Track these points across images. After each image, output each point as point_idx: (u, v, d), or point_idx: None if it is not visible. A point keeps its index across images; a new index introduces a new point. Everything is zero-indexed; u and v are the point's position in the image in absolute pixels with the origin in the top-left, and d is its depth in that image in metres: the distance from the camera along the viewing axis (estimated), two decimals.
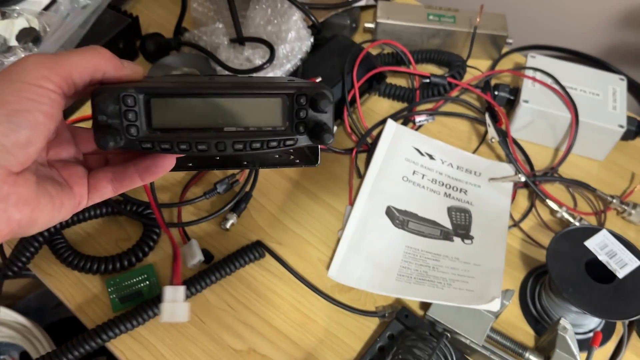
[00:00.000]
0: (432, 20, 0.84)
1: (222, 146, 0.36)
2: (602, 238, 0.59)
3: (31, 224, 0.33)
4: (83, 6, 0.76)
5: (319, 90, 0.36)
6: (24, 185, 0.32)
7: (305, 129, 0.37)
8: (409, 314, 0.58)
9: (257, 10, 0.75)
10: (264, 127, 0.37)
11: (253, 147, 0.36)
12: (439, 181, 0.70)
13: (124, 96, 0.34)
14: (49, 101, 0.32)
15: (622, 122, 0.71)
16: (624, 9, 0.86)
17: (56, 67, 0.32)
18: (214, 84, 0.36)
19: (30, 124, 0.31)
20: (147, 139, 0.35)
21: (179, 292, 0.57)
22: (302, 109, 0.37)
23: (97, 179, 0.38)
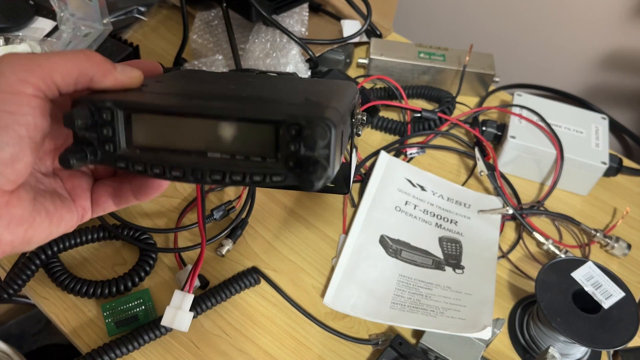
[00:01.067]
0: (423, 58, 0.87)
1: (198, 174, 0.31)
2: (588, 270, 0.62)
3: (26, 243, 0.32)
4: (85, 34, 0.78)
5: (312, 122, 0.29)
6: (17, 204, 0.30)
7: (296, 164, 0.30)
8: (402, 342, 0.59)
9: (257, 44, 0.77)
10: (252, 156, 0.31)
11: (233, 180, 0.31)
12: (431, 212, 0.72)
13: (100, 109, 0.31)
14: (29, 110, 0.29)
15: (604, 159, 0.74)
16: (604, 52, 0.91)
17: (35, 68, 0.29)
18: (202, 102, 0.32)
19: (12, 140, 0.29)
20: (122, 157, 0.32)
21: (186, 299, 0.55)
22: (294, 141, 0.30)
23: (98, 193, 0.37)
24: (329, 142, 0.29)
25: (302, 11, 0.83)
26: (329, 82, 0.42)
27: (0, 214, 0.30)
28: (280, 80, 0.42)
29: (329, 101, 0.33)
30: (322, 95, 0.36)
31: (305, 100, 0.33)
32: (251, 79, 0.42)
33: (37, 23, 0.80)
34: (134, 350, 0.58)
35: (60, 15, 0.78)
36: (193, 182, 0.32)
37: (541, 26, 0.95)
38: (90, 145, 0.32)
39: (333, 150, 0.30)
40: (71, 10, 0.79)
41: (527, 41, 0.98)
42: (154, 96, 0.34)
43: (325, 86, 0.41)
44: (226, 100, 0.33)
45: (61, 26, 0.78)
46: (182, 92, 0.35)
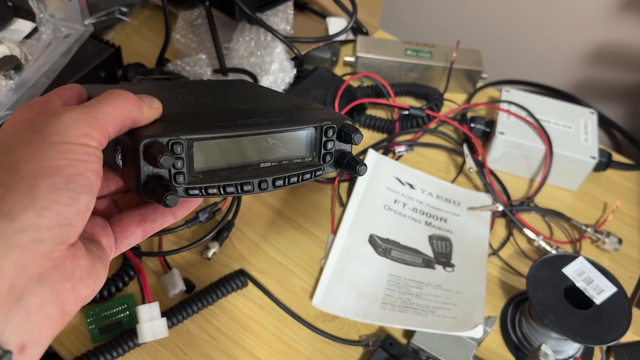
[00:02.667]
0: (410, 55, 0.86)
1: (264, 185, 0.36)
2: (579, 265, 0.61)
3: (92, 295, 0.30)
4: (65, 35, 0.77)
5: (345, 122, 0.38)
6: (81, 255, 0.29)
7: (331, 158, 0.38)
8: (393, 342, 0.58)
9: (241, 42, 0.76)
10: (294, 159, 0.37)
11: (291, 182, 0.37)
12: (420, 210, 0.71)
13: (173, 144, 0.32)
14: (96, 159, 0.29)
15: (594, 153, 0.74)
16: (592, 47, 0.90)
17: (94, 122, 0.29)
18: (251, 122, 0.35)
19: (86, 188, 0.28)
20: (192, 185, 0.33)
21: (153, 309, 0.57)
22: (330, 141, 0.38)
23: (123, 224, 0.35)
24: (360, 136, 0.37)
25: (287, 9, 0.82)
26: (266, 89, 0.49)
27: (73, 267, 0.27)
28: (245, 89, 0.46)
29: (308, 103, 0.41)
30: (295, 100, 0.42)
31: (293, 105, 0.40)
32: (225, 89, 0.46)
33: (16, 25, 0.78)
34: (118, 357, 0.57)
35: (39, 16, 0.76)
36: (259, 192, 0.36)
37: (529, 22, 0.94)
38: (162, 180, 0.32)
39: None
40: (51, 11, 0.77)
41: (514, 37, 0.97)
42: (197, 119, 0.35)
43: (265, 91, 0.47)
44: (257, 116, 0.37)
45: (41, 27, 0.76)
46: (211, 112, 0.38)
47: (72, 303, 0.27)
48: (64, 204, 0.27)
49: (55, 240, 0.26)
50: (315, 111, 0.39)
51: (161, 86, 0.45)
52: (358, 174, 0.37)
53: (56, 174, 0.27)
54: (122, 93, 0.31)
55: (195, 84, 0.49)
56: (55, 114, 0.29)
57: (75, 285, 0.27)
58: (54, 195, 0.26)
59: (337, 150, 0.38)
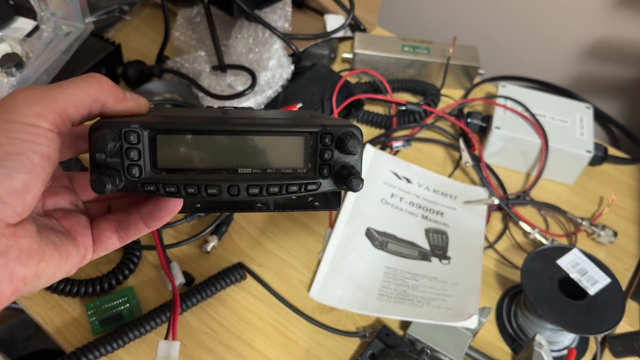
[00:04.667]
0: (407, 52, 0.87)
1: (234, 190, 0.31)
2: (574, 257, 0.62)
3: (37, 278, 0.29)
4: (66, 33, 0.78)
5: (347, 129, 0.32)
6: (24, 235, 0.28)
7: (330, 172, 0.33)
8: (389, 333, 0.59)
9: (239, 39, 0.77)
10: (283, 169, 0.32)
11: (270, 192, 0.32)
12: (417, 204, 0.72)
13: (126, 132, 0.30)
14: (45, 141, 0.28)
15: (589, 147, 0.74)
16: (588, 43, 0.91)
17: (51, 103, 0.28)
18: (228, 120, 0.32)
19: (25, 168, 0.27)
20: (150, 180, 0.31)
21: (173, 348, 0.54)
22: (327, 150, 0.32)
23: (100, 229, 0.34)
24: (361, 147, 0.32)
25: (285, 6, 0.82)
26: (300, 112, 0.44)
27: (9, 245, 0.27)
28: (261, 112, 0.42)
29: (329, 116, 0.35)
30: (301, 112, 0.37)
31: (310, 116, 0.34)
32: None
33: (17, 23, 0.79)
34: (118, 349, 0.57)
35: (40, 14, 0.77)
36: (229, 199, 0.31)
37: (525, 18, 0.95)
38: (114, 170, 0.31)
39: (361, 155, 0.33)
40: (52, 9, 0.78)
41: (511, 33, 0.98)
42: (174, 118, 0.32)
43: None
44: (249, 119, 0.33)
45: (42, 26, 0.77)
46: (197, 115, 0.34)
47: (4, 281, 0.27)
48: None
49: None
50: (318, 118, 0.34)
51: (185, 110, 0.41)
52: (351, 188, 0.32)
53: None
54: (95, 76, 0.31)
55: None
56: (13, 93, 0.29)
57: (8, 262, 0.27)
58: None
59: (339, 162, 0.33)
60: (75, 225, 0.34)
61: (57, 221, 0.33)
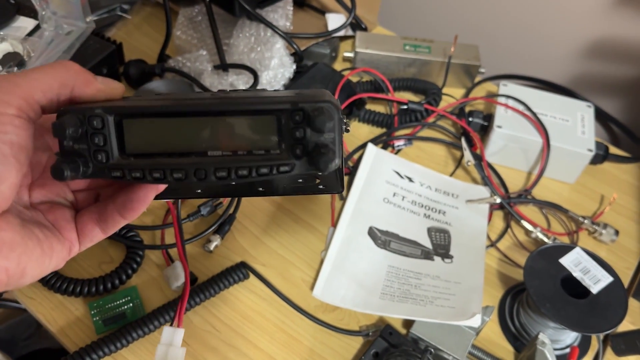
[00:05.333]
0: (408, 50, 0.87)
1: (201, 174, 0.30)
2: (576, 255, 0.62)
3: (21, 273, 0.29)
4: (67, 32, 0.78)
5: (318, 105, 0.29)
6: (6, 228, 0.28)
7: (304, 152, 0.30)
8: (392, 332, 0.59)
9: (241, 38, 0.77)
10: (254, 150, 0.31)
11: (239, 175, 0.30)
12: (419, 203, 0.72)
13: (89, 117, 0.30)
14: (12, 129, 0.27)
15: (590, 146, 0.74)
16: (589, 42, 0.91)
17: (15, 89, 0.28)
18: (195, 101, 0.30)
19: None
20: (117, 166, 0.30)
21: (177, 335, 0.54)
22: (299, 128, 0.30)
23: (83, 222, 0.34)
24: (334, 124, 0.29)
25: (287, 5, 0.82)
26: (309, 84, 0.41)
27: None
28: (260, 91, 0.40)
29: (322, 92, 0.32)
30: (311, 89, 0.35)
31: (296, 94, 0.31)
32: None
33: (18, 22, 0.79)
34: (122, 348, 0.57)
35: (42, 13, 0.77)
36: (197, 182, 0.30)
37: (526, 16, 0.95)
38: (80, 156, 0.30)
39: (338, 133, 0.30)
40: (53, 8, 0.78)
41: (512, 32, 0.98)
42: (142, 102, 0.32)
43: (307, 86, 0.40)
44: (219, 99, 0.31)
45: (43, 25, 0.77)
46: (168, 98, 0.32)
47: None
48: None
49: None
50: (300, 95, 0.31)
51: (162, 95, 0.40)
52: (319, 169, 0.30)
53: None
54: (63, 62, 0.30)
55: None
56: None
57: None
58: None
59: (312, 141, 0.30)
60: (59, 219, 0.33)
61: (43, 214, 0.33)
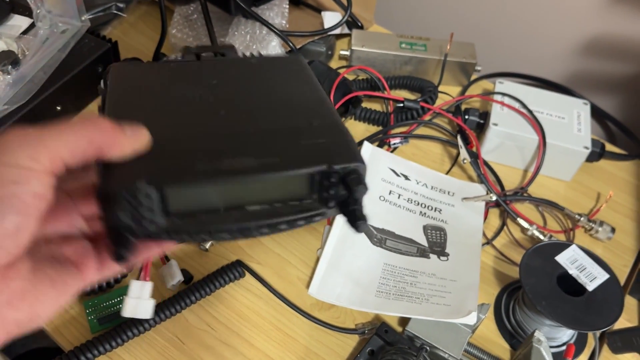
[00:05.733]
0: (404, 48, 0.87)
1: (247, 233, 0.32)
2: (572, 253, 0.62)
3: (32, 320, 0.29)
4: (62, 31, 0.77)
5: (353, 168, 0.32)
6: (16, 277, 0.28)
7: (335, 203, 0.34)
8: (388, 330, 0.59)
9: (236, 37, 0.77)
10: (290, 201, 0.33)
11: (280, 229, 0.33)
12: (415, 201, 0.72)
13: (134, 191, 0.30)
14: (37, 182, 0.28)
15: (587, 143, 0.74)
16: (585, 39, 0.91)
17: (42, 147, 0.28)
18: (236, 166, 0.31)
19: (16, 209, 0.27)
20: (163, 230, 0.31)
21: (145, 288, 0.55)
22: (333, 186, 0.33)
23: (103, 252, 0.34)
24: (364, 184, 0.33)
25: (282, 3, 0.82)
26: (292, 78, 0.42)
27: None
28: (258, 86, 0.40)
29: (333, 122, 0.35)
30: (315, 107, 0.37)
31: (311, 125, 0.35)
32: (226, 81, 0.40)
33: (13, 20, 0.79)
34: (117, 347, 0.57)
35: (36, 12, 0.77)
36: (241, 239, 0.33)
37: (522, 14, 0.95)
38: (127, 227, 0.30)
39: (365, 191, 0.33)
40: (48, 7, 0.78)
41: (508, 29, 0.98)
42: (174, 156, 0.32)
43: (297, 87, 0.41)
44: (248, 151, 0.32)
45: (38, 23, 0.77)
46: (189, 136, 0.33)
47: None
48: None
49: None
50: (325, 144, 0.34)
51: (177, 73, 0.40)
52: (355, 229, 0.33)
53: None
54: (95, 121, 0.30)
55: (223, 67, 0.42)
56: (5, 134, 0.28)
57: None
58: None
59: (342, 195, 0.33)
60: (74, 252, 0.33)
61: (57, 247, 0.33)
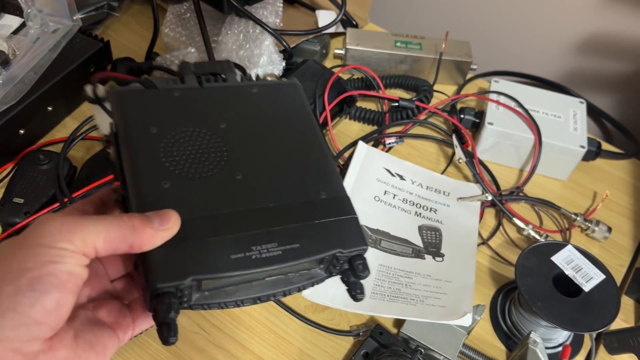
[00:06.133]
0: (400, 47, 0.86)
1: (265, 299, 0.37)
2: (568, 253, 0.61)
3: None
4: (53, 30, 0.76)
5: (358, 252, 0.38)
6: (60, 347, 0.30)
7: (338, 271, 0.39)
8: (383, 332, 0.58)
9: (229, 35, 0.76)
10: (301, 271, 0.38)
11: (290, 294, 0.38)
12: (410, 201, 0.71)
13: (182, 289, 0.33)
14: (71, 260, 0.30)
15: (583, 142, 0.74)
16: (581, 37, 0.90)
17: (79, 233, 0.30)
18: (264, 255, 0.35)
19: (54, 287, 0.29)
20: (196, 304, 0.35)
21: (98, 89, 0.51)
22: (339, 264, 0.38)
23: (136, 309, 0.37)
24: (368, 269, 0.38)
25: (276, 2, 0.81)
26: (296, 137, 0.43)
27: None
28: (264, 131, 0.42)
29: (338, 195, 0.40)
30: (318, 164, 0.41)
31: (320, 199, 0.39)
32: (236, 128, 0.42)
33: (3, 20, 0.78)
34: None
35: (27, 11, 0.76)
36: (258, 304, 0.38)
37: (517, 12, 0.94)
38: (169, 308, 0.33)
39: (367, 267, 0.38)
40: (39, 6, 0.77)
41: (504, 28, 0.97)
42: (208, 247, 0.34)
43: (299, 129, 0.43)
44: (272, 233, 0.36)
45: (28, 22, 0.76)
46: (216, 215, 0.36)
47: None
48: (27, 304, 0.28)
49: (23, 338, 0.28)
50: (336, 226, 0.38)
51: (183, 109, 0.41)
52: (354, 299, 0.39)
53: (22, 276, 0.28)
54: (132, 222, 0.32)
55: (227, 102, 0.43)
56: (44, 219, 0.31)
57: None
58: (17, 297, 0.28)
59: (345, 269, 0.39)
60: (107, 315, 0.35)
61: (92, 312, 0.35)
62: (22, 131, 0.70)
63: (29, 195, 0.65)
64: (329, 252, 0.37)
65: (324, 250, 0.36)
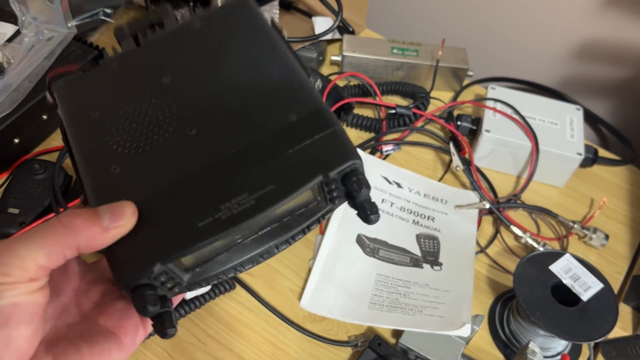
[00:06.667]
0: (396, 54, 0.86)
1: (268, 255, 0.34)
2: (566, 262, 0.61)
3: None
4: (48, 38, 0.76)
5: (349, 169, 0.32)
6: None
7: (340, 196, 0.34)
8: (381, 342, 0.58)
9: None
10: (296, 211, 0.33)
11: (296, 240, 0.34)
12: (407, 209, 0.71)
13: (152, 277, 0.30)
14: (13, 292, 0.28)
15: (580, 149, 0.74)
16: (577, 44, 0.91)
17: (14, 261, 0.28)
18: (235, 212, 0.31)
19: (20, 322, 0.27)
20: (191, 283, 0.32)
21: None
22: (335, 189, 0.33)
23: None
24: (366, 184, 0.33)
25: (273, 9, 0.81)
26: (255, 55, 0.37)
27: None
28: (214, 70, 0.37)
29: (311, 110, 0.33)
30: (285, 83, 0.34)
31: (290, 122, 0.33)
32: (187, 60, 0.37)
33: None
34: None
35: (22, 19, 0.75)
36: (266, 260, 0.34)
37: (514, 19, 0.94)
38: (162, 297, 0.31)
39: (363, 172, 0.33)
40: (33, 14, 0.76)
41: (500, 34, 0.97)
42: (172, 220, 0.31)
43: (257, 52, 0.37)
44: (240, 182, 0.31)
45: (23, 30, 0.75)
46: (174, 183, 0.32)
47: None
48: None
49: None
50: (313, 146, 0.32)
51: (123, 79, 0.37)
52: (368, 222, 0.33)
53: None
54: (63, 222, 0.29)
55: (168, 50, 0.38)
56: None
57: None
58: None
59: (345, 190, 0.33)
60: (109, 320, 0.33)
61: (95, 320, 0.33)
62: (17, 140, 0.70)
63: (24, 206, 0.64)
64: (310, 183, 0.31)
65: (303, 182, 0.31)
